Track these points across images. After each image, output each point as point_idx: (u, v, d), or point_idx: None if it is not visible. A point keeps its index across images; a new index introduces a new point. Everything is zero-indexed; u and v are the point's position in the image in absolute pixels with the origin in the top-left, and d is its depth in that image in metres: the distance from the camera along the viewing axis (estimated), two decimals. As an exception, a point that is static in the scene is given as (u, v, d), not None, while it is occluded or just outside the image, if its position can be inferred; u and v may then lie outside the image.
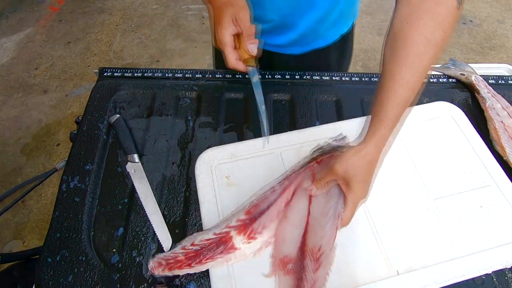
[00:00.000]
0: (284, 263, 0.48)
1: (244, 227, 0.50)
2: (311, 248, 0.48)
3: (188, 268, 0.48)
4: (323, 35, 0.77)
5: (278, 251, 0.50)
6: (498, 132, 0.64)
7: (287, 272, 0.48)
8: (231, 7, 0.55)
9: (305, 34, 0.73)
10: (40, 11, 2.44)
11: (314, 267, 0.47)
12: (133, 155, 0.63)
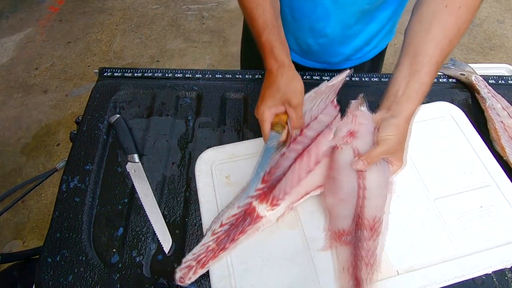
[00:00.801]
0: (340, 235, 0.50)
1: (265, 195, 0.52)
2: (368, 219, 0.49)
3: (223, 252, 0.49)
4: (370, 51, 0.78)
5: (334, 226, 0.51)
6: (498, 132, 0.64)
7: (344, 243, 0.49)
8: (286, 88, 0.53)
9: (359, 48, 0.74)
10: (40, 11, 2.44)
11: (370, 236, 0.49)
12: (133, 155, 0.63)
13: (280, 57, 0.53)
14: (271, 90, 0.53)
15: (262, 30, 0.54)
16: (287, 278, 0.50)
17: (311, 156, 0.54)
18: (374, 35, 0.72)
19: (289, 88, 0.53)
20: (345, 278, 0.47)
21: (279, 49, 0.54)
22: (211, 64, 2.10)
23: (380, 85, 0.75)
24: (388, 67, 2.08)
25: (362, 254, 0.47)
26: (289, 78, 0.54)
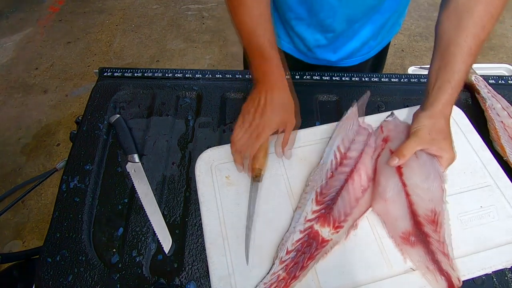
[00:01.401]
0: (406, 238, 0.50)
1: (324, 218, 0.51)
2: (424, 214, 0.50)
3: (294, 281, 0.48)
4: (377, 45, 0.78)
5: (395, 230, 0.51)
6: (498, 132, 0.64)
7: (413, 244, 0.49)
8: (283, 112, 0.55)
9: (366, 41, 0.74)
10: (40, 11, 2.44)
11: (434, 228, 0.49)
12: (133, 155, 0.63)
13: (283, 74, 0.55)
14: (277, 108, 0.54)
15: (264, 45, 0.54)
16: (287, 278, 0.50)
17: (361, 175, 0.55)
18: (381, 28, 0.72)
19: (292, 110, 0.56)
20: (435, 277, 0.48)
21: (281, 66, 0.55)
22: (211, 64, 2.10)
23: (380, 84, 0.75)
24: (388, 67, 2.08)
25: (434, 248, 0.48)
26: (291, 100, 0.56)
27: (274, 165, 0.60)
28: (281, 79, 0.55)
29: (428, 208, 0.50)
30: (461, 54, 0.50)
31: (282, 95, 0.55)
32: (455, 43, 0.51)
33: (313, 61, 0.79)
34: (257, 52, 0.55)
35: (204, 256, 0.53)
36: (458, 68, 0.51)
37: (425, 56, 2.12)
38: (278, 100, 0.55)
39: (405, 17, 0.75)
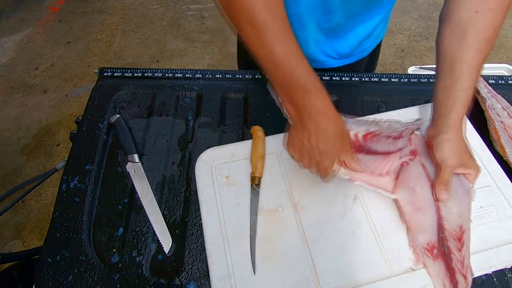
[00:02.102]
0: (430, 250, 0.51)
1: (353, 146, 0.55)
2: (451, 229, 0.50)
3: None
4: (373, 42, 0.78)
5: (420, 241, 0.52)
6: (498, 132, 0.64)
7: (435, 257, 0.50)
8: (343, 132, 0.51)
9: (364, 39, 0.74)
10: (40, 11, 2.44)
11: (458, 246, 0.50)
12: (133, 155, 0.63)
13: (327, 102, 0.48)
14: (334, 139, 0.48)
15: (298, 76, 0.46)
16: (287, 278, 0.50)
17: (387, 165, 0.56)
18: (377, 24, 0.72)
19: (346, 134, 0.52)
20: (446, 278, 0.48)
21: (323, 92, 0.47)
22: (211, 64, 2.10)
23: (380, 84, 0.75)
24: (388, 67, 2.08)
25: (455, 266, 0.48)
26: (343, 124, 0.51)
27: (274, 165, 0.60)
28: (329, 104, 0.48)
29: (457, 224, 0.51)
30: (469, 71, 0.50)
31: (336, 123, 0.49)
32: (462, 60, 0.50)
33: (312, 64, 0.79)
34: (297, 85, 0.46)
35: (204, 256, 0.53)
36: (467, 86, 0.50)
37: (425, 56, 2.12)
38: (334, 131, 0.48)
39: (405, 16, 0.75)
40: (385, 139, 0.57)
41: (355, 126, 0.58)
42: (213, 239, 0.53)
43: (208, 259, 0.51)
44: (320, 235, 0.53)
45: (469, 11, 0.50)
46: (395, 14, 2.37)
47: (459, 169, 0.52)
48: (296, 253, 0.52)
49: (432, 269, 0.50)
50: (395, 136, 0.57)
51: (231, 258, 0.51)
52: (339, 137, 0.49)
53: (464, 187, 0.53)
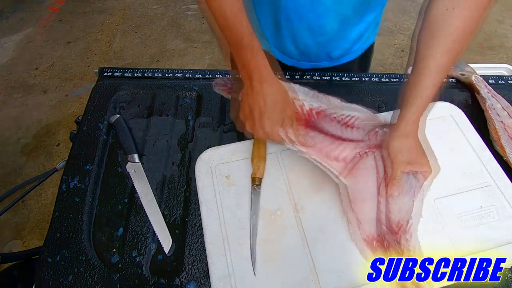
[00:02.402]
0: (369, 242, 0.51)
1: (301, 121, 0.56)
2: (391, 224, 0.50)
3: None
4: (364, 42, 0.78)
5: (362, 232, 0.52)
6: (498, 132, 0.64)
7: (374, 249, 0.50)
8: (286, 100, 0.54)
9: (356, 40, 0.74)
10: (40, 11, 2.44)
11: (397, 239, 0.49)
12: (133, 155, 0.63)
13: (268, 66, 0.52)
14: (272, 104, 0.52)
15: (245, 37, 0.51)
16: (287, 278, 0.50)
17: (344, 151, 0.56)
18: (369, 25, 0.72)
19: (288, 100, 0.53)
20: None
21: (264, 57, 0.52)
22: (211, 64, 2.10)
23: (380, 85, 0.75)
24: (388, 67, 2.08)
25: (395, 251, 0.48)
26: (283, 89, 0.53)
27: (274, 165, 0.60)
28: (269, 71, 0.53)
29: (395, 219, 0.50)
30: (434, 70, 0.49)
31: (275, 89, 0.53)
32: (429, 58, 0.49)
33: (303, 65, 0.79)
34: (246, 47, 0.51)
35: (204, 256, 0.53)
36: (429, 84, 0.50)
37: (425, 56, 2.12)
38: (275, 96, 0.53)
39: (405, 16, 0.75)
40: (330, 120, 0.57)
41: (308, 98, 0.58)
42: (213, 239, 0.53)
43: (208, 259, 0.51)
44: (320, 235, 0.53)
45: (442, 8, 0.49)
46: (395, 14, 2.37)
47: (411, 166, 0.51)
48: (296, 253, 0.52)
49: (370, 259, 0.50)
50: (343, 121, 0.58)
51: (231, 258, 0.51)
52: (279, 103, 0.52)
53: (412, 184, 0.52)
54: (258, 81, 0.51)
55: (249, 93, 0.53)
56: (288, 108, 0.54)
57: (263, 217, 0.55)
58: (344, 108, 0.60)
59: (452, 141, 0.63)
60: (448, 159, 0.61)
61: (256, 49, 0.51)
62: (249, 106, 0.53)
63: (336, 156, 0.55)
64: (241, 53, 0.51)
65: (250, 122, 0.54)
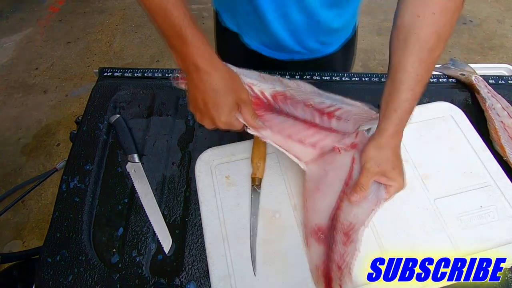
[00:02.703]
0: (315, 232, 0.51)
1: (260, 105, 0.54)
2: (343, 222, 0.50)
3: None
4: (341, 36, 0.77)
5: (310, 220, 0.52)
6: (498, 132, 0.64)
7: (318, 240, 0.50)
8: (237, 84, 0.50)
9: (330, 32, 0.72)
10: (40, 11, 2.44)
11: (343, 240, 0.49)
12: (133, 155, 0.63)
13: (213, 52, 0.48)
14: (221, 91, 0.47)
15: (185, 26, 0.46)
16: (287, 278, 0.50)
17: (317, 137, 0.55)
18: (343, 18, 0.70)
19: (240, 84, 0.50)
20: (317, 276, 0.48)
21: (207, 43, 0.47)
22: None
23: (380, 85, 0.75)
24: (388, 67, 2.08)
25: (334, 256, 0.48)
26: (233, 74, 0.50)
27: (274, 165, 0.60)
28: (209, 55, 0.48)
29: (348, 221, 0.50)
30: (408, 81, 0.47)
31: (223, 74, 0.48)
32: (403, 69, 0.47)
33: (279, 56, 0.77)
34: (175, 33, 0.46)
35: (204, 256, 0.53)
36: (405, 97, 0.48)
37: (425, 56, 2.12)
38: (226, 81, 0.48)
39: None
40: (302, 106, 0.55)
41: (258, 82, 0.55)
42: (213, 239, 0.53)
43: (208, 259, 0.51)
44: (320, 235, 0.53)
45: (412, 15, 0.46)
46: (395, 14, 2.36)
47: (381, 178, 0.50)
48: (296, 253, 0.52)
49: (312, 250, 0.50)
50: (323, 109, 0.56)
51: (231, 258, 0.51)
52: (231, 88, 0.48)
53: (377, 195, 0.51)
54: (205, 70, 0.46)
55: (198, 85, 0.47)
56: (242, 91, 0.51)
57: (263, 217, 0.55)
58: (322, 96, 0.58)
59: (452, 141, 0.63)
60: (448, 159, 0.61)
61: (198, 37, 0.47)
62: (202, 98, 0.48)
63: (301, 139, 0.54)
64: (181, 43, 0.46)
65: (206, 115, 0.49)
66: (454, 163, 0.60)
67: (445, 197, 0.57)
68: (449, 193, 0.57)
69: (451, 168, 0.60)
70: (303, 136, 0.54)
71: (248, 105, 0.51)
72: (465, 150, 0.62)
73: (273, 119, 0.54)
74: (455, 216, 0.55)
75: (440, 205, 0.56)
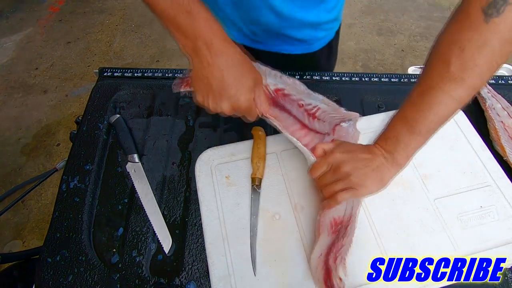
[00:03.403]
0: (335, 225, 0.51)
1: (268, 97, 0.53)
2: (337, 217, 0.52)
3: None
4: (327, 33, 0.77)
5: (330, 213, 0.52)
6: (498, 132, 0.64)
7: (332, 233, 0.50)
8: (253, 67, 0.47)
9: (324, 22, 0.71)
10: (40, 11, 2.44)
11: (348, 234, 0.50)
12: (133, 155, 0.63)
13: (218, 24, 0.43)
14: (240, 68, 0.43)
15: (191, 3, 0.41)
16: (287, 278, 0.50)
17: (307, 138, 0.55)
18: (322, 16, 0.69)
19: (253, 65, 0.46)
20: (319, 264, 0.48)
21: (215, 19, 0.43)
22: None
23: (380, 85, 0.75)
24: (388, 67, 2.08)
25: (338, 247, 0.49)
26: (243, 54, 0.45)
27: (274, 165, 0.60)
28: (222, 31, 0.43)
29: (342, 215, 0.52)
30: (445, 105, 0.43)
31: (238, 51, 0.44)
32: (442, 91, 0.43)
33: (260, 46, 0.75)
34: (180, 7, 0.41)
35: (204, 256, 0.53)
36: (434, 123, 0.45)
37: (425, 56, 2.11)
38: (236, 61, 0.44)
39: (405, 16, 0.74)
40: (296, 105, 0.56)
41: (264, 76, 0.54)
42: (213, 239, 0.53)
43: (208, 259, 0.51)
44: (320, 235, 0.53)
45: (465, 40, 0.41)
46: (395, 14, 2.37)
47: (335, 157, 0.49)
48: (296, 254, 0.52)
49: (322, 239, 0.50)
50: (309, 110, 0.57)
51: (231, 258, 0.51)
52: (247, 65, 0.44)
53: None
54: (219, 45, 0.42)
55: (212, 63, 0.42)
56: (257, 72, 0.47)
57: (263, 217, 0.55)
58: (310, 96, 0.58)
59: (452, 141, 0.63)
60: (448, 159, 0.61)
61: (207, 11, 0.43)
62: (218, 77, 0.43)
63: (299, 138, 0.54)
64: (189, 20, 0.41)
65: (224, 95, 0.44)
66: (454, 163, 0.60)
67: (445, 197, 0.57)
68: (449, 193, 0.57)
69: (451, 168, 0.60)
70: (300, 136, 0.55)
71: (262, 89, 0.48)
72: (465, 150, 0.62)
73: (278, 114, 0.53)
74: (455, 216, 0.55)
75: (440, 205, 0.56)
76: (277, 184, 0.58)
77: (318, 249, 0.49)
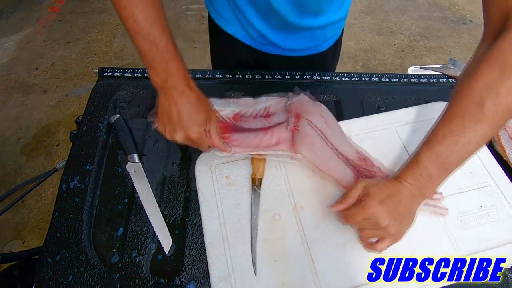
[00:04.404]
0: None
1: (227, 129, 0.59)
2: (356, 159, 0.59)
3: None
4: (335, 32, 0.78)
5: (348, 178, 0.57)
6: (498, 132, 0.64)
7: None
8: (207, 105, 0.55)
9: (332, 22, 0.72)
10: (40, 11, 2.44)
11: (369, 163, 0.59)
12: (133, 155, 0.63)
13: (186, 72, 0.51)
14: (195, 107, 0.52)
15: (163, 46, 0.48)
16: (287, 278, 0.50)
17: (274, 136, 0.58)
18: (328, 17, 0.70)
19: (209, 105, 0.55)
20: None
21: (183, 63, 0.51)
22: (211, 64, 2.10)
23: (380, 85, 0.75)
24: (388, 67, 2.08)
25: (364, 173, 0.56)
26: (204, 96, 0.54)
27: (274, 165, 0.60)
28: (187, 78, 0.52)
29: (351, 152, 0.59)
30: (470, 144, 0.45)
31: (198, 94, 0.53)
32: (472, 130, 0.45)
33: (267, 49, 0.77)
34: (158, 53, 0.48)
35: (204, 256, 0.53)
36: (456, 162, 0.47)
37: (425, 56, 2.12)
38: (193, 102, 0.52)
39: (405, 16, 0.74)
40: (252, 118, 0.62)
41: (223, 107, 0.62)
42: (213, 239, 0.53)
43: (208, 259, 0.51)
44: (320, 235, 0.53)
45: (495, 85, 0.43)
46: (395, 14, 2.37)
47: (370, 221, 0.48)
48: (296, 253, 0.52)
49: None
50: (261, 114, 0.63)
51: (231, 258, 0.51)
52: (202, 105, 0.53)
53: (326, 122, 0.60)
54: (184, 89, 0.50)
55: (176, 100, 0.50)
56: (211, 111, 0.56)
57: (263, 217, 0.55)
58: (257, 103, 0.64)
59: (452, 141, 0.63)
60: (448, 159, 0.61)
61: (179, 59, 0.50)
62: (177, 112, 0.51)
63: (268, 144, 0.58)
64: (164, 66, 0.49)
65: (180, 127, 0.52)
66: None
67: (445, 197, 0.57)
68: (449, 193, 0.57)
69: (451, 168, 0.60)
70: (266, 141, 0.58)
71: (215, 124, 0.55)
72: (465, 150, 0.62)
73: (239, 137, 0.58)
74: (455, 216, 0.55)
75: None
76: (277, 184, 0.58)
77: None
